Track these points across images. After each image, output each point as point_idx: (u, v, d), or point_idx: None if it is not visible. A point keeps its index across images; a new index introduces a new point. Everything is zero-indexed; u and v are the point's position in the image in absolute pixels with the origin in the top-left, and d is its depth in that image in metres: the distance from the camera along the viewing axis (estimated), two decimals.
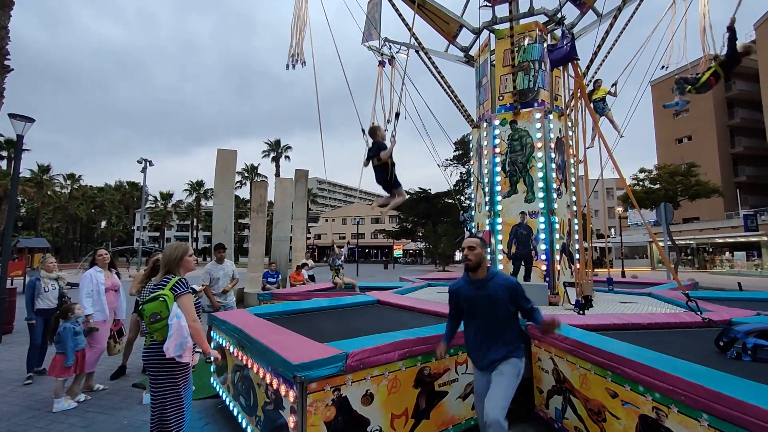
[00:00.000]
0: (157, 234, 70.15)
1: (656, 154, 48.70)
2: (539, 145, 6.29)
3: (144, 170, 27.49)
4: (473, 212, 7.65)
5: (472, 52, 7.97)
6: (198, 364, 3.98)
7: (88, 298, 5.17)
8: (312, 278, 13.49)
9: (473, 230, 7.40)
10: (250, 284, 13.77)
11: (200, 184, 59.96)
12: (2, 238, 10.59)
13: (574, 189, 6.56)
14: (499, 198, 6.48)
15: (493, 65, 7.13)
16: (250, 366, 3.37)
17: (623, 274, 22.73)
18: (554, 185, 6.29)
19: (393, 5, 8.22)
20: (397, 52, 10.86)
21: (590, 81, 7.65)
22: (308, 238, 71.99)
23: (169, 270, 3.21)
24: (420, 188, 44.76)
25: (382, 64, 11.01)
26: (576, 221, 6.71)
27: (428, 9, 7.22)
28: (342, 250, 9.06)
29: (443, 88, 7.76)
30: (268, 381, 2.93)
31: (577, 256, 6.20)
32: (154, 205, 63.55)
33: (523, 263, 6.25)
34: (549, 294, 5.95)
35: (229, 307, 6.65)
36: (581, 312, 3.98)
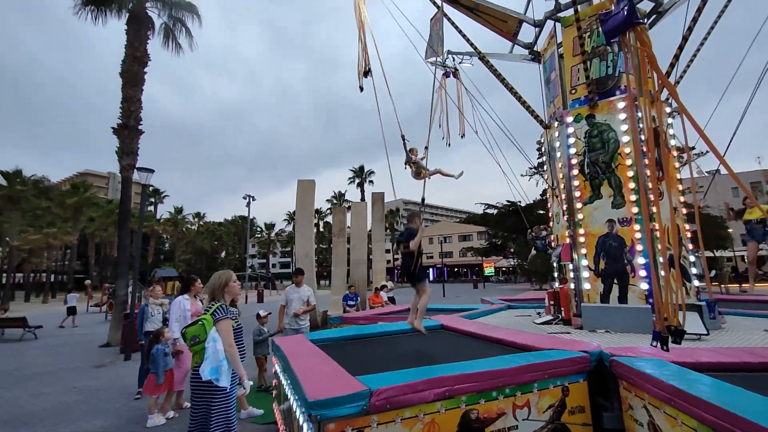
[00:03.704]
0: (264, 261, 78.56)
1: None
2: (626, 138, 5.28)
3: (248, 205, 31.24)
4: (552, 224, 6.72)
5: (539, 48, 7.26)
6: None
7: (176, 323, 5.78)
8: (392, 300, 13.38)
9: (547, 249, 6.48)
10: (332, 307, 14.26)
11: (318, 211, 65.99)
12: (130, 267, 12.83)
13: (681, 186, 5.31)
14: (579, 205, 5.57)
15: (561, 57, 6.35)
16: (289, 396, 3.29)
17: None
18: (650, 184, 5.15)
19: (448, 18, 8.06)
20: (460, 63, 10.57)
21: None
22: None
23: (213, 296, 3.37)
24: (508, 201, 42.13)
25: (447, 75, 10.80)
26: (684, 224, 5.39)
27: (482, 11, 6.83)
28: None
29: (508, 89, 7.14)
30: (296, 415, 2.79)
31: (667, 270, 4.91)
32: (260, 235, 71.60)
33: (615, 281, 5.19)
34: (653, 319, 4.77)
35: (300, 333, 6.84)
36: (664, 347, 3.03)
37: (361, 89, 6.25)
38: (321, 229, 61.55)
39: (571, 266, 5.71)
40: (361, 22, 6.29)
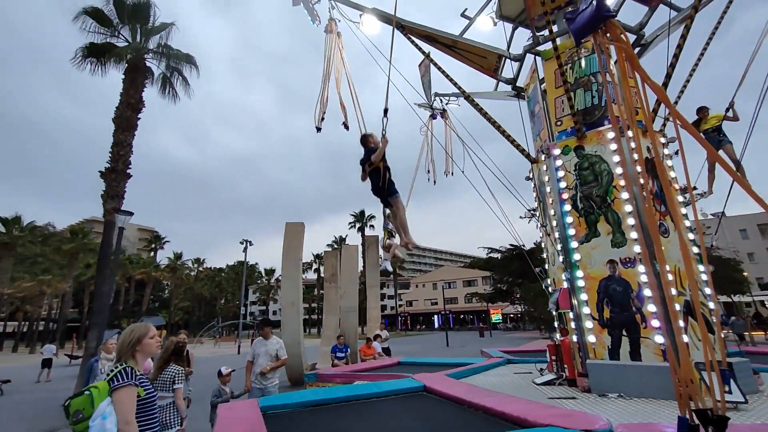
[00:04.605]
0: (264, 308, 76.48)
1: None
2: (620, 171, 4.79)
3: (245, 250, 30.71)
4: (547, 266, 6.06)
5: (521, 83, 7.05)
6: None
7: None
8: (387, 351, 12.31)
9: (550, 290, 5.77)
10: (322, 359, 13.13)
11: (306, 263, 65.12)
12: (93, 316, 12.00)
13: (688, 223, 4.72)
14: (574, 244, 4.95)
15: (544, 92, 6.08)
16: None
17: None
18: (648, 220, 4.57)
19: (434, 63, 8.09)
20: (447, 103, 10.53)
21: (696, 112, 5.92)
22: (400, 305, 70.41)
23: (120, 356, 2.68)
24: (511, 245, 41.25)
25: (434, 117, 10.75)
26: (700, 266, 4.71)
27: (461, 48, 6.70)
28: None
29: (493, 125, 6.83)
30: None
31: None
32: (260, 282, 70.27)
33: (624, 333, 4.42)
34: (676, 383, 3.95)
35: (267, 393, 5.96)
36: None
37: (318, 130, 6.11)
38: (322, 275, 60.31)
39: (571, 314, 4.96)
40: (329, 63, 6.20)
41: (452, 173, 10.52)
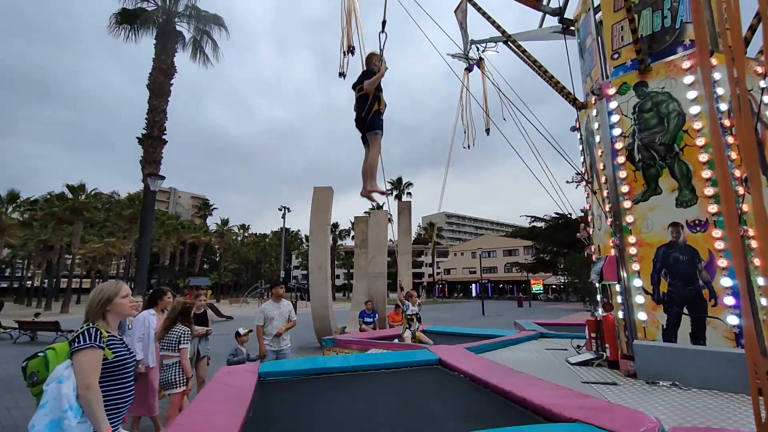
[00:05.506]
0: (306, 272, 79.85)
1: None
2: (696, 110, 3.77)
3: (283, 216, 31.50)
4: (591, 230, 5.19)
5: (569, 15, 5.88)
6: None
7: (139, 342, 5.02)
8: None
9: (593, 258, 4.96)
10: (351, 324, 13.20)
11: (336, 225, 66.22)
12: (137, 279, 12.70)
13: None
14: (627, 204, 4.08)
15: (600, 23, 4.95)
16: None
17: None
18: (736, 172, 3.58)
19: (473, 3, 7.10)
20: (483, 51, 9.38)
21: None
22: (438, 273, 70.36)
23: (87, 317, 2.43)
24: (556, 213, 38.88)
25: (469, 69, 9.67)
26: None
27: None
28: (415, 293, 7.44)
29: (538, 70, 5.79)
30: None
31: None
32: (301, 247, 72.94)
33: (686, 311, 3.62)
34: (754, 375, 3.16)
35: (282, 355, 5.86)
36: None
37: (343, 76, 5.30)
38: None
39: (618, 287, 4.19)
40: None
41: (489, 130, 9.51)
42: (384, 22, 3.77)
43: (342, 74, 5.60)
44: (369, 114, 3.60)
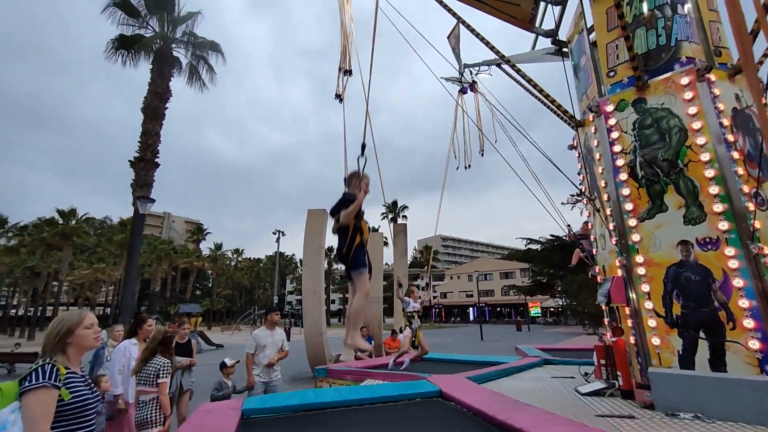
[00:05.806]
0: (300, 297, 78.36)
1: None
2: (698, 125, 3.69)
3: (278, 240, 31.12)
4: (594, 251, 5.01)
5: (563, 37, 5.94)
6: None
7: (120, 375, 4.65)
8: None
9: (598, 279, 4.75)
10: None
11: (330, 249, 65.63)
12: (125, 304, 12.20)
13: None
14: (632, 222, 3.92)
15: (593, 44, 4.98)
16: None
17: None
18: (744, 187, 3.46)
19: (466, 25, 7.23)
20: (476, 74, 9.50)
21: None
22: (434, 297, 69.35)
23: (44, 351, 2.14)
24: (552, 235, 38.85)
25: (463, 91, 9.76)
26: None
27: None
28: (415, 289, 7.09)
29: (533, 89, 5.78)
30: None
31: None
32: (295, 272, 71.83)
33: (702, 335, 3.38)
34: None
35: (271, 387, 5.48)
36: None
37: (339, 99, 5.16)
38: None
39: (627, 310, 3.96)
40: (343, 22, 5.42)
41: (483, 152, 9.50)
42: (364, 146, 3.22)
43: (338, 96, 5.52)
44: (351, 250, 2.94)
